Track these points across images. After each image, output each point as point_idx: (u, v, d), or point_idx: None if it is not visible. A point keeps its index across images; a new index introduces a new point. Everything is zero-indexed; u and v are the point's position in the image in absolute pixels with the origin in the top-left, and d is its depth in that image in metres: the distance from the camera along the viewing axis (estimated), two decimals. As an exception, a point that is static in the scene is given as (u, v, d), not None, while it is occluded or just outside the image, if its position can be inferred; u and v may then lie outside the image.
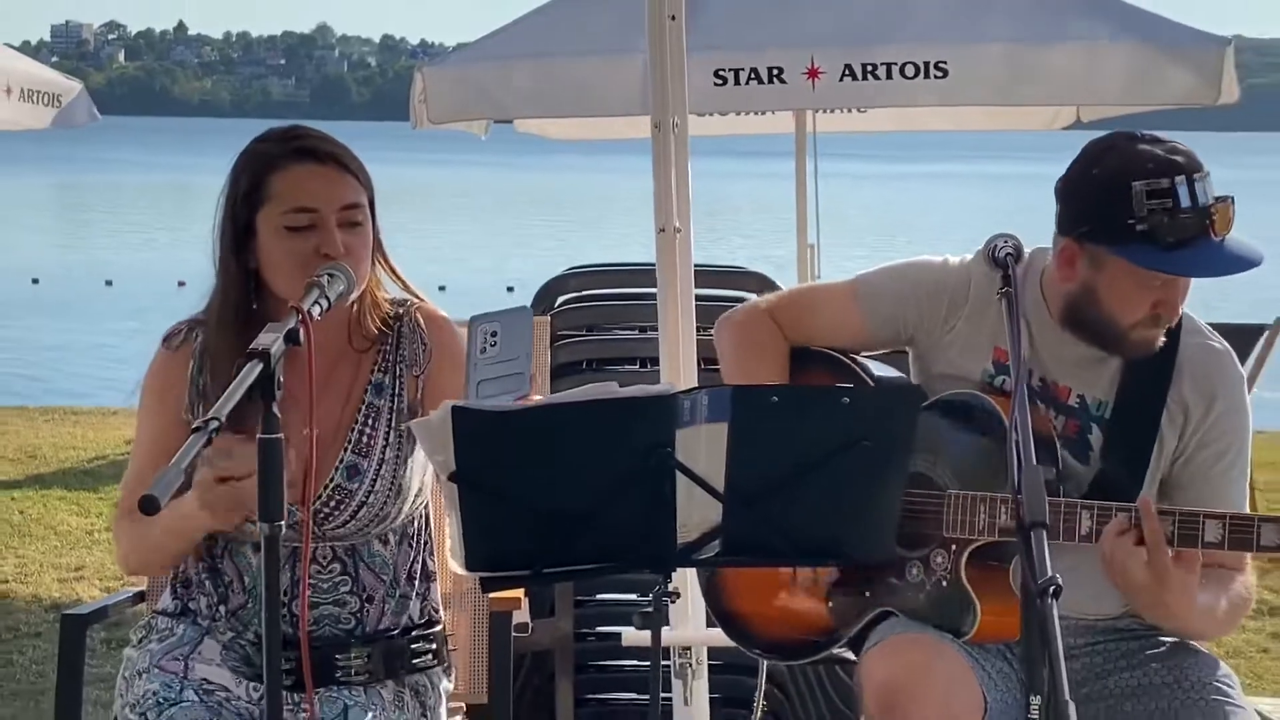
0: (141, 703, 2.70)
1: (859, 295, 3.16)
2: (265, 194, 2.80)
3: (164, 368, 2.92)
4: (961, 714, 2.82)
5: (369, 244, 2.86)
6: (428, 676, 2.96)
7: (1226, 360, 3.07)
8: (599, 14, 6.33)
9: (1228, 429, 3.03)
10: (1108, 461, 3.00)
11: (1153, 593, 2.80)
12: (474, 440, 2.33)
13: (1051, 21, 6.07)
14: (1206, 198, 2.86)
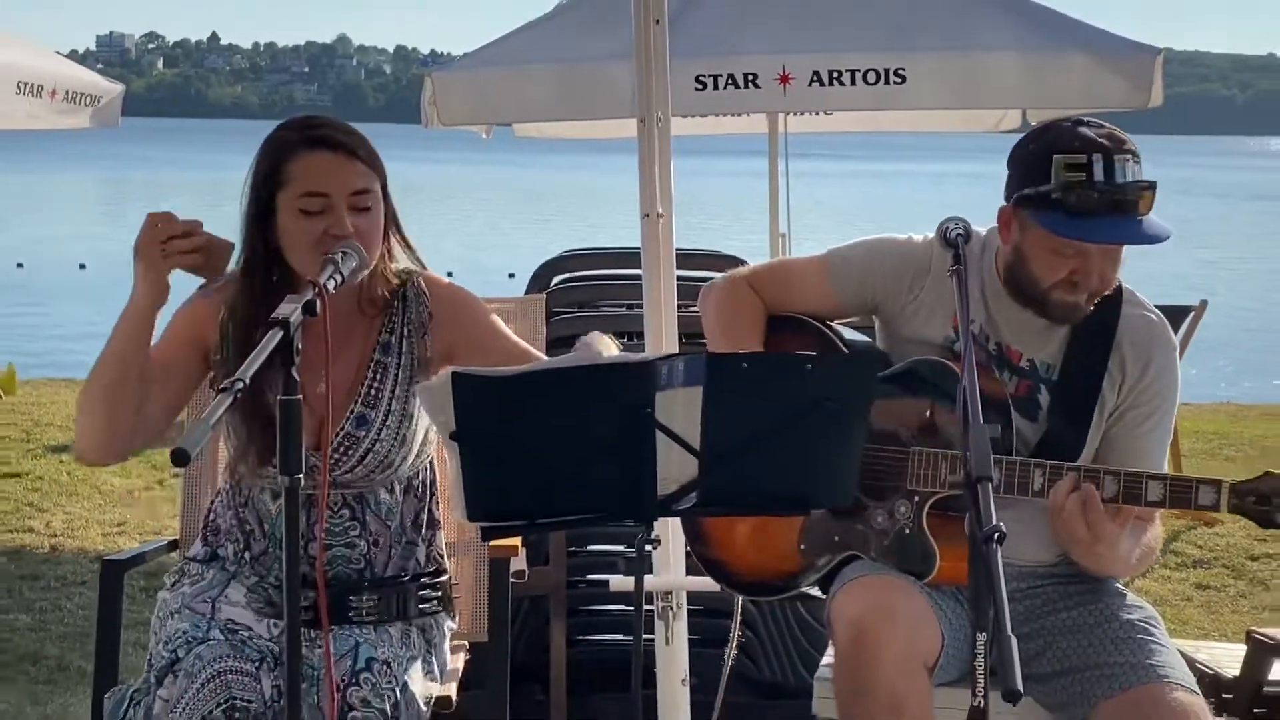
0: (173, 640, 2.69)
1: (830, 268, 3.17)
2: (283, 178, 2.80)
3: (195, 309, 2.91)
4: (923, 648, 2.83)
5: (378, 226, 2.86)
6: (433, 619, 2.96)
7: (1162, 331, 3.08)
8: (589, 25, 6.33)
9: (1158, 393, 3.04)
10: (1054, 419, 3.01)
11: (1087, 544, 2.82)
12: (472, 402, 2.33)
13: (1001, 33, 6.09)
14: (1122, 177, 2.86)
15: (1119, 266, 2.96)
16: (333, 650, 2.67)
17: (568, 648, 3.97)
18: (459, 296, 3.02)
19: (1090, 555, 2.87)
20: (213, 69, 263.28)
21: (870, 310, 3.17)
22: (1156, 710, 2.76)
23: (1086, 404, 3.01)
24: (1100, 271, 2.92)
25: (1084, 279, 2.92)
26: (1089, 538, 2.80)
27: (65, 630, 5.73)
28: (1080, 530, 2.80)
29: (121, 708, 2.68)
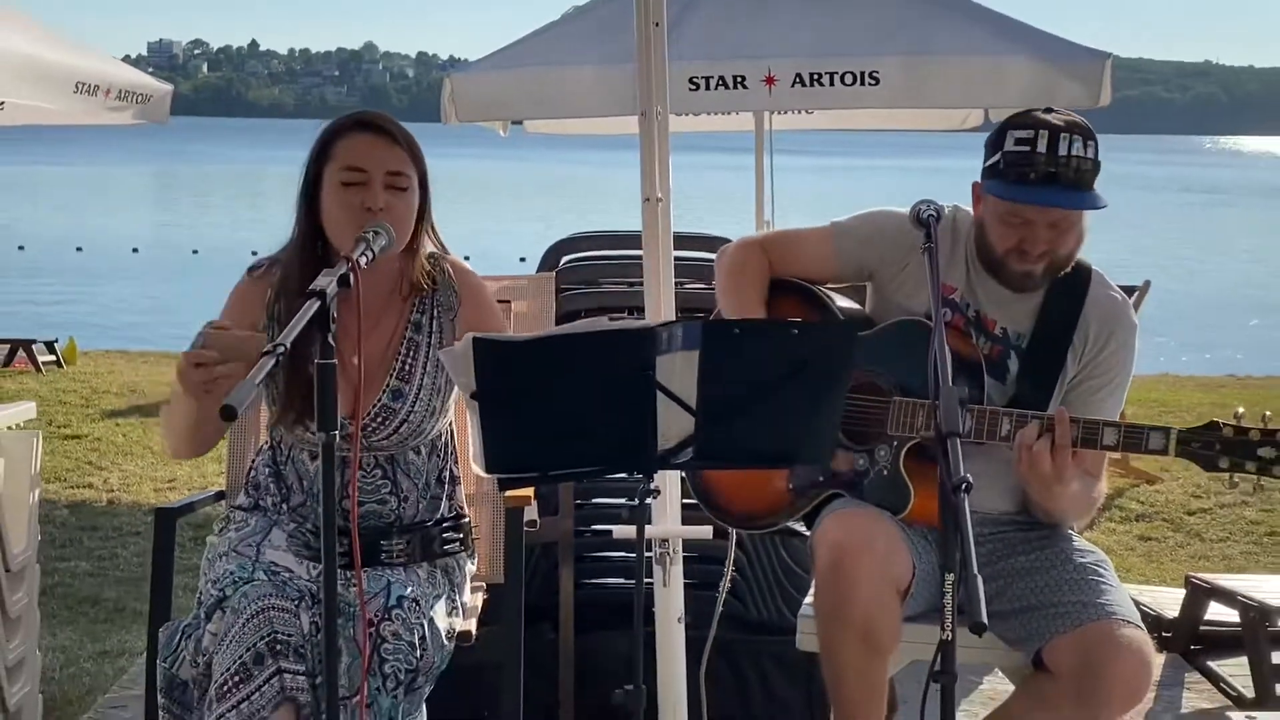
0: (220, 580, 2.69)
1: (835, 236, 3.17)
2: (330, 154, 2.85)
3: (245, 291, 2.95)
4: (895, 572, 2.84)
5: (411, 208, 2.87)
6: (455, 560, 2.96)
7: (1125, 311, 3.08)
8: (593, 32, 6.32)
9: (1114, 365, 3.04)
10: (1022, 383, 3.01)
11: (1049, 483, 2.83)
12: (491, 365, 2.33)
13: (966, 39, 6.09)
14: (1064, 151, 2.86)
15: (1070, 240, 2.94)
16: (366, 589, 2.68)
17: (575, 590, 3.97)
18: (480, 286, 3.04)
19: (1048, 492, 2.87)
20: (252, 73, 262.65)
21: (866, 277, 3.16)
22: (1106, 644, 2.76)
23: (1051, 371, 3.01)
24: (1048, 241, 2.91)
25: (1031, 247, 2.91)
26: (1052, 475, 2.81)
27: (121, 575, 5.75)
28: (1045, 466, 2.80)
29: (174, 641, 2.68)
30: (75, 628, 5.07)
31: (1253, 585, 4.63)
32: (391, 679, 2.63)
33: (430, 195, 2.94)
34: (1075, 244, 2.97)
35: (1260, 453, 2.77)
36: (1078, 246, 2.99)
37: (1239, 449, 2.78)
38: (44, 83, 5.94)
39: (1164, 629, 4.76)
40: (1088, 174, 2.89)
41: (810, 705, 3.84)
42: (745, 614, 4.10)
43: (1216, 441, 2.80)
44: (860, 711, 2.89)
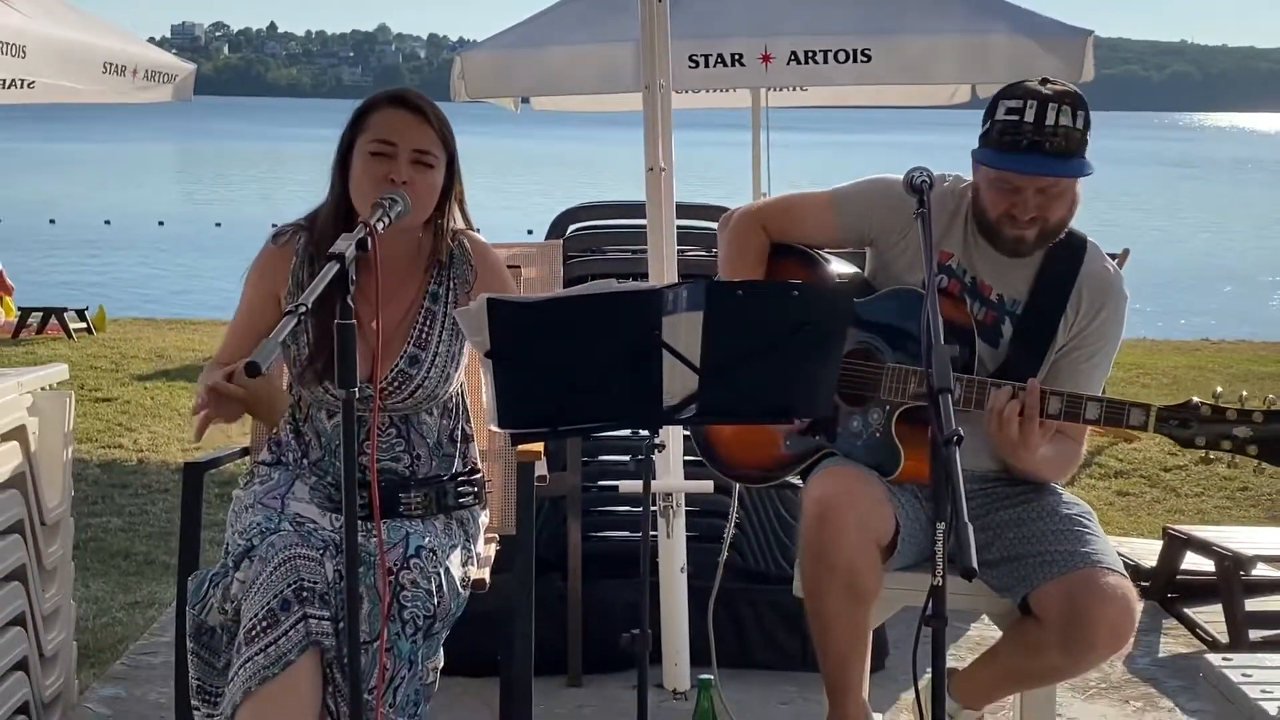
0: (248, 530, 2.69)
1: (835, 204, 3.12)
2: (364, 125, 2.85)
3: (269, 259, 2.94)
4: (876, 527, 2.83)
5: (434, 185, 2.86)
6: (470, 512, 2.96)
7: (1117, 283, 3.05)
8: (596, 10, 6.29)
9: (1102, 336, 3.02)
10: (1015, 349, 2.99)
11: (1015, 448, 2.83)
12: (504, 324, 2.32)
13: (953, 18, 6.06)
14: (1051, 120, 2.83)
15: (1060, 207, 2.91)
16: (386, 540, 2.68)
17: (582, 541, 3.98)
18: (497, 262, 3.03)
19: (1015, 455, 2.86)
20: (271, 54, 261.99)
21: (866, 243, 3.13)
22: (1090, 591, 2.76)
23: (1043, 338, 2.99)
24: (1037, 207, 2.88)
25: (1020, 213, 2.89)
26: (1019, 440, 2.80)
27: (151, 530, 5.76)
28: (1013, 431, 2.80)
29: (202, 589, 2.68)
30: (108, 579, 5.08)
31: (1226, 536, 4.64)
32: (410, 624, 2.64)
33: (459, 175, 2.92)
34: (1066, 211, 2.94)
35: (1235, 432, 2.75)
36: (1069, 214, 2.95)
37: (1215, 428, 2.77)
38: (73, 63, 5.91)
39: (1142, 578, 4.77)
40: (1074, 143, 2.85)
41: (805, 650, 3.84)
42: (744, 565, 4.11)
43: (1193, 420, 2.78)
44: (846, 656, 2.89)
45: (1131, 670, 4.11)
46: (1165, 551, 4.77)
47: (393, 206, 2.62)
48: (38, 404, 3.51)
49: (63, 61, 5.82)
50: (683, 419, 2.45)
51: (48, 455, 3.53)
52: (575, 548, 3.96)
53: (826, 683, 2.94)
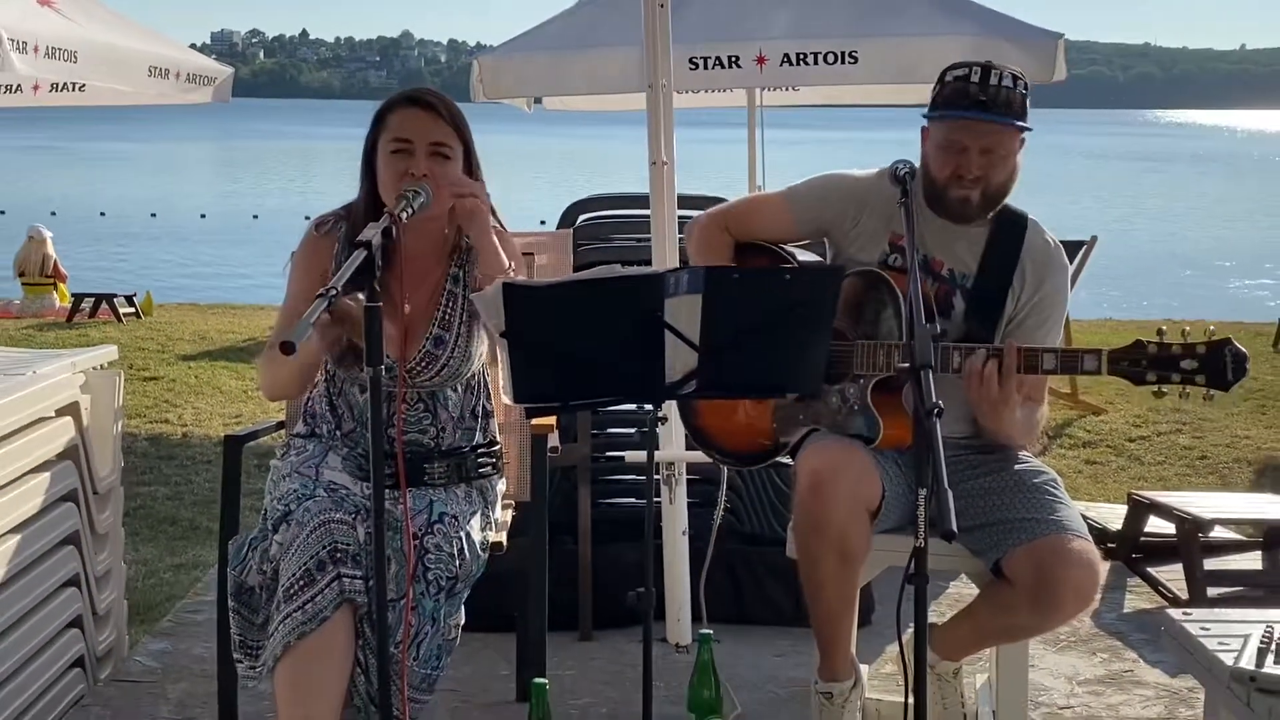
0: (285, 497, 2.69)
1: (790, 201, 3.11)
2: (383, 126, 2.83)
3: (312, 246, 2.91)
4: (865, 494, 2.82)
5: (455, 176, 2.83)
6: (488, 481, 2.96)
7: (1059, 255, 3.04)
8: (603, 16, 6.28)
9: (1050, 304, 3.00)
10: (968, 320, 2.97)
11: (997, 406, 2.80)
12: (518, 307, 2.31)
13: (935, 21, 6.03)
14: (995, 82, 2.85)
15: (1002, 170, 2.89)
16: (411, 507, 2.68)
17: (591, 508, 3.98)
18: (507, 243, 2.98)
19: (994, 413, 2.83)
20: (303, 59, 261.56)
21: (822, 233, 3.10)
22: (1058, 555, 2.75)
23: (994, 309, 2.97)
24: (981, 167, 2.87)
25: (966, 172, 2.88)
26: (999, 398, 2.79)
27: (195, 498, 5.77)
28: (993, 390, 2.78)
29: (242, 551, 2.69)
30: (156, 544, 5.09)
31: (1187, 501, 4.64)
32: (434, 584, 2.64)
33: (478, 163, 2.90)
34: (1007, 177, 2.92)
35: (1183, 365, 2.73)
36: (1010, 180, 2.93)
37: (1163, 363, 2.74)
38: (121, 67, 5.90)
39: (1108, 540, 4.77)
40: (1015, 104, 2.87)
41: (798, 607, 3.84)
42: (742, 528, 4.11)
43: (1143, 358, 2.75)
44: (836, 613, 2.89)
45: (1099, 625, 4.12)
46: (1130, 515, 4.77)
47: (415, 198, 2.62)
48: (89, 382, 3.51)
49: (111, 66, 5.81)
50: (684, 394, 2.43)
51: (99, 429, 3.54)
52: (585, 513, 3.97)
53: (817, 637, 2.94)
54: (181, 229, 24.16)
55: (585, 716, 3.37)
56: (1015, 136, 2.91)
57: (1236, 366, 2.71)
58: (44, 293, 12.50)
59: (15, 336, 10.34)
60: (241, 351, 10.03)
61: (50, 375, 3.32)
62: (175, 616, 4.14)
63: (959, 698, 3.03)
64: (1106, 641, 3.97)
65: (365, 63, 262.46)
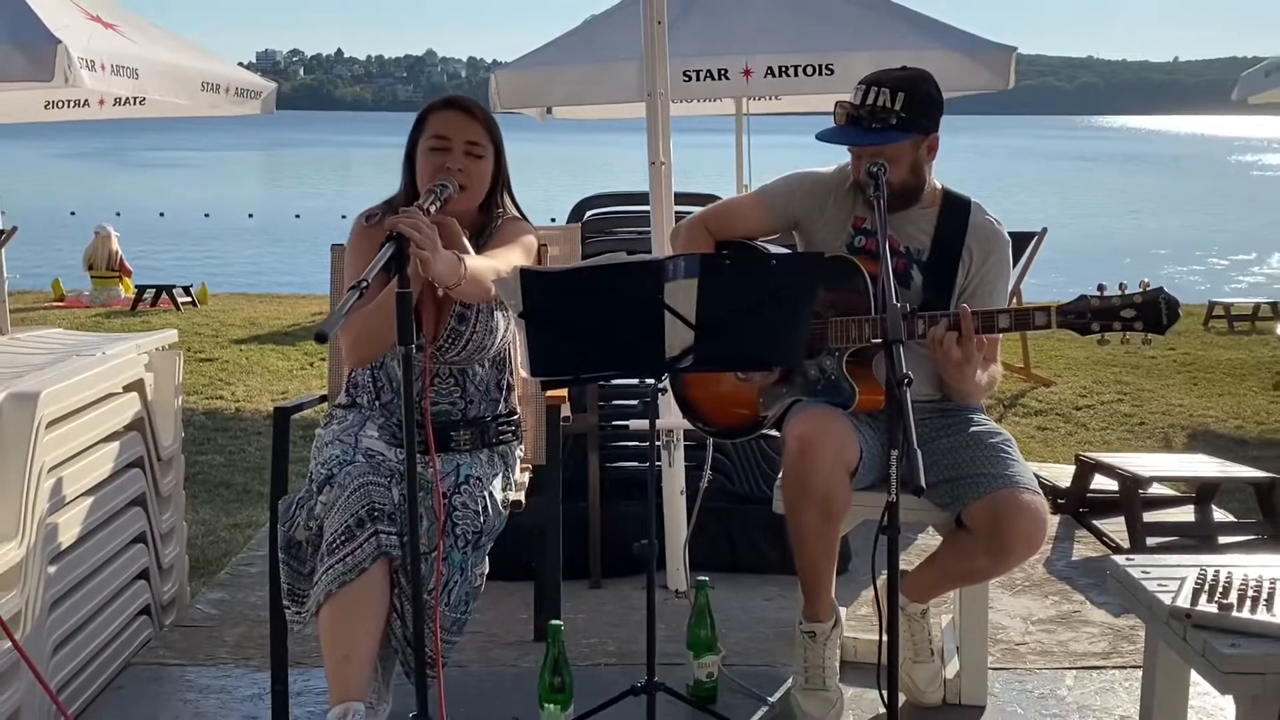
0: (328, 462, 2.69)
1: (763, 198, 3.09)
2: (423, 127, 2.82)
3: (362, 234, 2.86)
4: (847, 456, 2.81)
5: (485, 173, 2.83)
6: (508, 446, 2.95)
7: (1000, 231, 3.01)
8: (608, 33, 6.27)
9: (996, 274, 2.98)
10: (925, 288, 2.95)
11: (960, 366, 2.79)
12: (535, 290, 2.31)
13: (901, 35, 6.04)
14: (870, 100, 2.86)
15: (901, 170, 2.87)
16: (440, 470, 2.68)
17: (600, 470, 3.98)
18: (515, 226, 2.93)
19: (959, 373, 2.81)
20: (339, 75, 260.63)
21: (793, 224, 3.07)
22: (1012, 507, 2.74)
23: (947, 278, 2.95)
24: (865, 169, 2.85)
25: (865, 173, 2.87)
26: (962, 358, 2.77)
27: (248, 465, 5.77)
28: (956, 353, 2.76)
29: (290, 510, 2.69)
30: (213, 506, 5.10)
31: (1128, 461, 4.63)
32: (461, 539, 2.64)
33: (506, 164, 2.88)
34: (907, 174, 2.90)
35: (1123, 314, 2.71)
36: (913, 176, 2.91)
37: (1105, 314, 2.72)
38: (177, 83, 5.90)
39: (1058, 496, 4.77)
40: (884, 118, 2.85)
41: (784, 557, 3.85)
42: (733, 488, 4.11)
43: (1087, 310, 2.74)
44: (819, 563, 2.89)
45: (1050, 571, 4.12)
46: (1077, 474, 4.77)
47: (443, 191, 2.60)
48: (152, 362, 3.51)
49: (168, 82, 5.80)
50: (681, 368, 2.43)
51: (162, 403, 3.53)
52: (595, 475, 3.96)
53: (802, 583, 2.94)
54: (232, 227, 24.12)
55: (594, 654, 3.37)
56: (898, 141, 2.87)
57: (1170, 311, 2.70)
58: (110, 284, 12.49)
59: (85, 323, 10.33)
60: (287, 335, 10.03)
61: (118, 355, 3.32)
62: (231, 569, 4.14)
63: (927, 635, 3.03)
64: (1058, 585, 3.98)
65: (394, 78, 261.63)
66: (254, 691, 3.11)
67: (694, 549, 3.77)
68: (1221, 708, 2.90)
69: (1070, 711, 3.02)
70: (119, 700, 3.08)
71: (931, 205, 2.99)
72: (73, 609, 2.96)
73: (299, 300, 12.67)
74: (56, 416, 2.91)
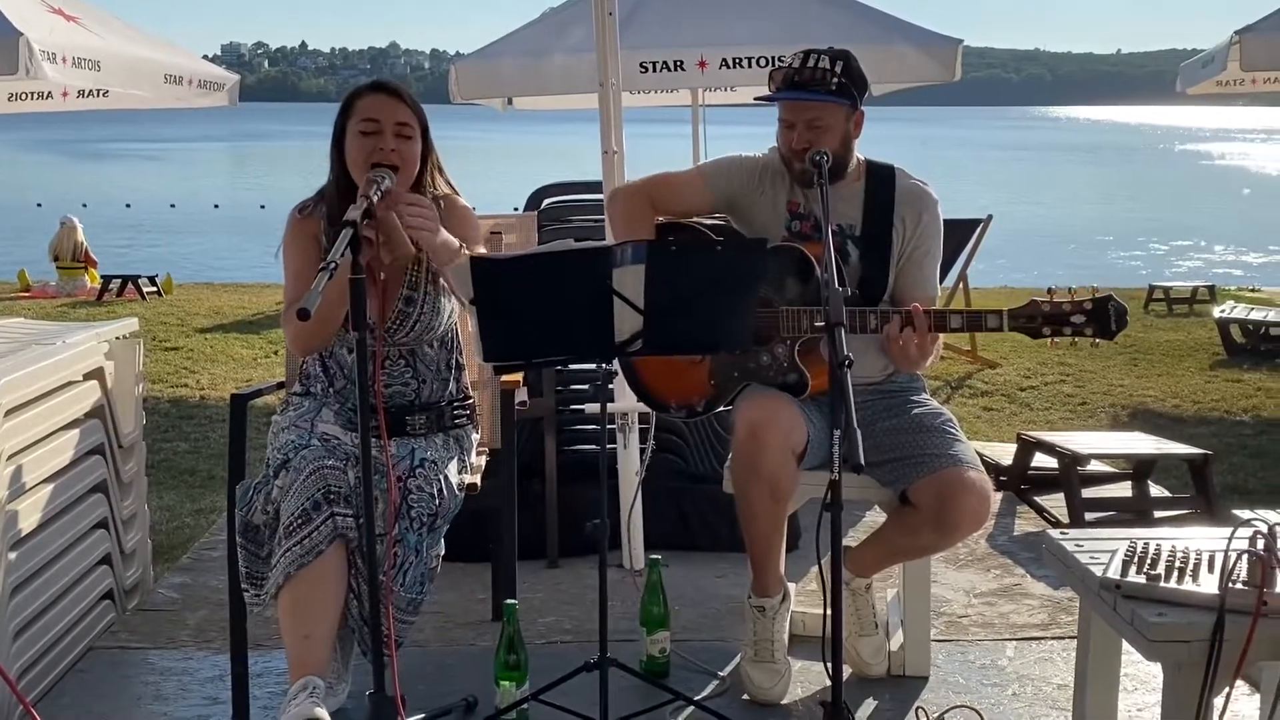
0: (284, 447, 2.67)
1: (704, 176, 3.07)
2: (351, 110, 2.79)
3: (299, 226, 2.86)
4: (794, 441, 2.83)
5: (415, 153, 2.81)
6: (464, 430, 2.94)
7: (927, 193, 3.02)
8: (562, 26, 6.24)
9: (928, 235, 2.99)
10: (864, 263, 2.96)
11: (916, 361, 2.82)
12: (485, 278, 2.29)
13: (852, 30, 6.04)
14: (811, 64, 2.86)
15: (830, 138, 2.87)
16: (395, 454, 2.66)
17: (558, 453, 3.97)
18: (462, 210, 2.92)
19: (914, 366, 2.85)
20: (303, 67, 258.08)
21: (730, 204, 3.05)
22: (957, 484, 2.77)
23: (883, 250, 2.95)
24: (809, 140, 2.86)
25: (798, 144, 2.87)
26: (918, 354, 2.80)
27: (211, 452, 5.72)
28: (913, 350, 2.79)
29: (247, 494, 2.67)
30: (178, 492, 5.05)
31: (1067, 440, 4.69)
32: (416, 521, 2.63)
33: (432, 143, 2.86)
34: (838, 144, 2.89)
35: (1073, 319, 2.75)
36: (844, 148, 2.92)
37: (1056, 319, 2.76)
38: (140, 75, 5.80)
39: (1001, 474, 4.82)
40: (828, 81, 2.85)
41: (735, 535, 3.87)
42: (687, 468, 4.12)
43: (1038, 315, 2.77)
44: (768, 541, 2.91)
45: (992, 546, 4.16)
46: (1018, 452, 4.81)
47: (383, 182, 2.57)
48: (113, 350, 3.46)
49: (131, 74, 5.71)
50: (631, 352, 2.43)
51: (122, 391, 3.49)
52: (552, 458, 3.96)
53: (751, 560, 2.95)
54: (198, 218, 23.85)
55: (551, 632, 3.37)
56: (835, 110, 2.88)
57: (1119, 318, 2.74)
58: (76, 275, 12.33)
59: (52, 314, 10.19)
60: (251, 324, 9.94)
61: (78, 344, 3.28)
62: (194, 554, 4.11)
63: (871, 609, 3.06)
64: (999, 560, 4.02)
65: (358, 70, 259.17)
66: (215, 674, 3.08)
67: (648, 527, 3.78)
68: (1154, 675, 2.95)
69: (1010, 681, 3.06)
70: (80, 683, 3.05)
71: (858, 179, 3.00)
72: (33, 595, 2.93)
73: (263, 289, 12.55)
74: (16, 404, 2.87)
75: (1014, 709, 2.90)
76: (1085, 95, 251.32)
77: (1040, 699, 2.95)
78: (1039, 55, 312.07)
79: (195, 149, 53.74)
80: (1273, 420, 6.60)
